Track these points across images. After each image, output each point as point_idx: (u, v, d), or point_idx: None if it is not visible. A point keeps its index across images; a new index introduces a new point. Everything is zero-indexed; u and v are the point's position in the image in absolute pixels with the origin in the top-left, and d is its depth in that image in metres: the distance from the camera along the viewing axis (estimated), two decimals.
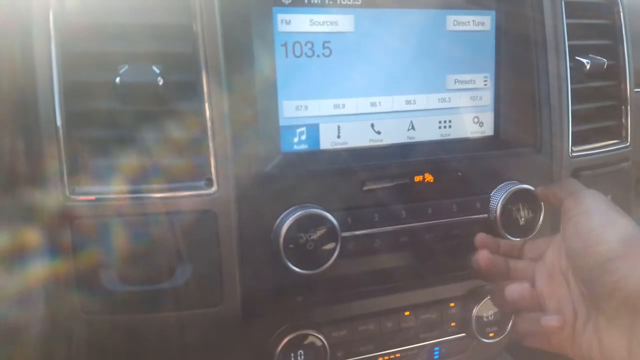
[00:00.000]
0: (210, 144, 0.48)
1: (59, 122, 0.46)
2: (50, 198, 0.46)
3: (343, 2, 0.53)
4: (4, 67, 0.47)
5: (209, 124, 0.48)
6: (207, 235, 0.48)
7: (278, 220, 0.50)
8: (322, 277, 0.51)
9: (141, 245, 0.47)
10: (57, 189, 0.46)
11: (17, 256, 0.48)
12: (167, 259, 0.48)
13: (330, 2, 0.53)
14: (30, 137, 0.46)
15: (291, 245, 0.49)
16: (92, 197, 0.47)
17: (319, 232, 0.50)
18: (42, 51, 0.46)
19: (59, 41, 0.46)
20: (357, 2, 0.54)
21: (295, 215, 0.49)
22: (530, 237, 0.59)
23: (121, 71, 0.46)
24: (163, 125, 0.48)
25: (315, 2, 0.53)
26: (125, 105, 0.47)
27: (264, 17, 0.51)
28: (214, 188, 0.48)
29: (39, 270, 0.48)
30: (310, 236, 0.50)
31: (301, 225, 0.50)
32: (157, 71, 0.47)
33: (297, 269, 0.49)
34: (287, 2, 0.52)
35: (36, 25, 0.46)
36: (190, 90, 0.48)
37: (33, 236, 0.46)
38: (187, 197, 0.48)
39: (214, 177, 0.48)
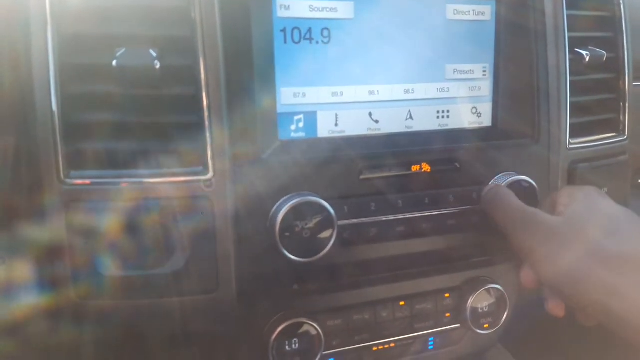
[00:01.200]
0: (207, 130, 0.48)
1: (54, 105, 0.45)
2: (46, 182, 0.46)
3: None
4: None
5: (206, 109, 0.48)
6: (203, 221, 0.48)
7: (274, 208, 0.50)
8: (318, 265, 0.51)
9: (136, 231, 0.47)
10: (52, 173, 0.46)
11: (11, 241, 0.48)
12: (163, 245, 0.47)
13: None
14: (26, 120, 0.46)
15: (287, 233, 0.49)
16: (88, 182, 0.46)
17: (315, 220, 0.50)
18: (38, 33, 0.45)
19: (56, 23, 0.45)
20: None
21: (291, 203, 0.49)
22: None
23: (118, 54, 0.46)
24: (160, 110, 0.47)
25: None
26: (121, 88, 0.47)
27: (263, 2, 0.50)
28: (210, 174, 0.48)
29: (33, 254, 0.48)
30: (306, 224, 0.50)
31: (298, 213, 0.49)
32: (154, 54, 0.46)
33: (292, 257, 0.49)
34: None
35: (33, 7, 0.45)
36: (187, 74, 0.48)
37: (28, 220, 0.46)
38: (183, 182, 0.47)
39: (210, 163, 0.48)
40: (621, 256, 0.42)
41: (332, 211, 0.50)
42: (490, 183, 0.58)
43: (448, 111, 0.60)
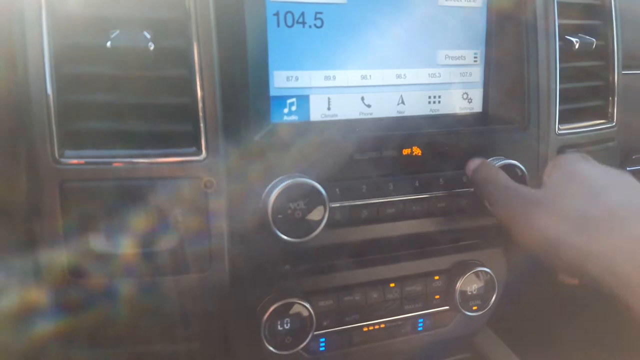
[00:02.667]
0: (200, 111, 0.48)
1: (49, 86, 0.46)
2: (41, 161, 0.46)
3: None
4: None
5: (199, 91, 0.48)
6: (195, 201, 0.49)
7: (267, 189, 0.51)
8: (310, 246, 0.52)
9: (129, 210, 0.47)
10: (47, 152, 0.46)
11: (4, 219, 0.48)
12: (156, 224, 0.48)
13: None
14: (21, 101, 0.46)
15: (279, 214, 0.50)
16: (82, 161, 0.47)
17: (307, 202, 0.51)
18: (33, 15, 0.45)
19: (50, 4, 0.45)
20: None
21: (283, 184, 0.50)
22: None
23: (112, 36, 0.46)
24: (153, 91, 0.48)
25: None
26: (115, 69, 0.47)
27: None
28: (203, 155, 0.49)
29: (28, 234, 0.48)
30: (298, 205, 0.51)
31: (290, 194, 0.50)
32: (148, 36, 0.46)
33: (285, 237, 0.50)
34: None
35: None
36: (181, 56, 0.48)
37: (21, 198, 0.47)
38: (176, 163, 0.48)
39: (203, 144, 0.49)
40: (596, 218, 0.43)
41: (323, 193, 0.51)
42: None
43: (439, 96, 0.61)
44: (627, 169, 0.89)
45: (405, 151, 0.57)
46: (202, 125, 0.48)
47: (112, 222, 0.47)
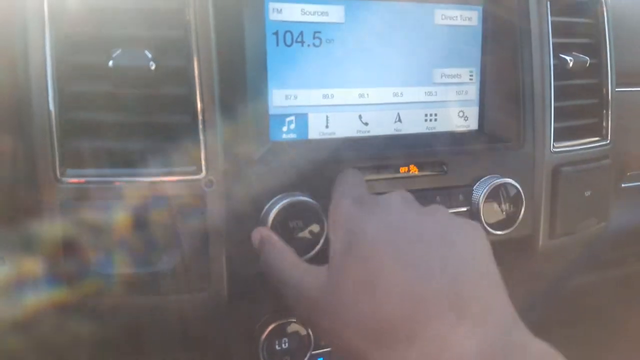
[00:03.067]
0: (200, 130, 0.49)
1: (51, 104, 0.46)
2: (43, 180, 0.46)
3: None
4: None
5: (199, 109, 0.49)
6: (195, 220, 0.49)
7: (266, 208, 0.51)
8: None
9: (129, 230, 0.47)
10: (49, 171, 0.46)
11: (10, 240, 0.48)
12: (155, 244, 0.48)
13: None
14: (23, 119, 0.46)
15: (278, 232, 0.50)
16: (83, 180, 0.47)
17: (306, 220, 0.51)
18: (36, 33, 0.46)
19: (54, 23, 0.46)
20: None
21: (282, 203, 0.50)
22: (511, 229, 0.61)
23: (114, 55, 0.46)
24: (154, 110, 0.48)
25: None
26: (117, 88, 0.47)
27: (255, 5, 0.51)
28: (203, 174, 0.49)
29: (30, 253, 0.48)
30: (297, 224, 0.51)
31: (288, 212, 0.50)
32: (150, 56, 0.47)
33: None
34: None
35: (31, 8, 0.46)
36: (181, 75, 0.49)
37: (25, 218, 0.47)
38: (175, 182, 0.48)
39: (203, 163, 0.49)
40: (377, 325, 0.34)
41: (321, 211, 0.51)
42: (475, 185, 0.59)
43: (436, 114, 0.61)
44: (623, 185, 0.89)
45: (403, 169, 0.57)
46: (202, 144, 0.49)
47: (112, 241, 0.47)
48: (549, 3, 0.63)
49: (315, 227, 0.51)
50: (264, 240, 0.47)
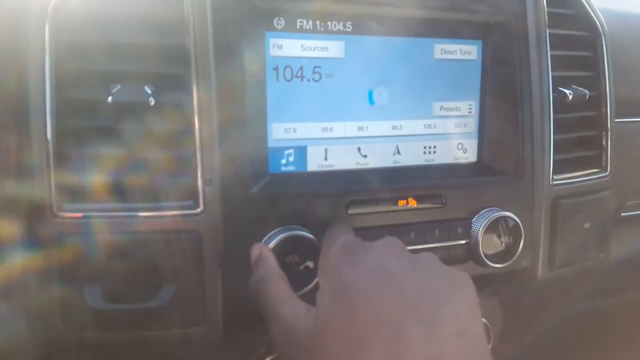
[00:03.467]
0: (199, 165, 0.49)
1: (49, 139, 0.46)
2: (39, 213, 0.46)
3: (334, 29, 0.55)
4: None
5: (198, 144, 0.49)
6: (191, 255, 0.49)
7: (263, 241, 0.51)
8: (304, 299, 0.52)
9: (126, 264, 0.47)
10: (45, 205, 0.46)
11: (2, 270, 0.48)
12: (151, 278, 0.48)
13: (322, 29, 0.54)
14: (21, 152, 0.47)
15: None
16: (80, 214, 0.47)
17: (303, 255, 0.51)
18: (37, 68, 0.46)
19: (53, 58, 0.46)
20: (347, 29, 0.55)
21: (279, 237, 0.50)
22: (510, 262, 0.61)
23: (113, 90, 0.47)
24: (153, 145, 0.48)
25: (307, 28, 0.54)
26: (116, 124, 0.48)
27: (256, 41, 0.52)
28: (200, 208, 0.49)
29: (23, 283, 0.48)
30: (293, 258, 0.51)
31: (285, 247, 0.50)
32: (149, 91, 0.47)
33: None
34: (279, 27, 0.53)
35: (32, 42, 0.46)
36: (181, 110, 0.49)
37: (20, 251, 0.47)
38: (172, 216, 0.48)
39: (200, 197, 0.49)
40: None
41: (319, 245, 0.51)
42: (474, 218, 0.59)
43: (434, 147, 0.61)
44: (623, 214, 0.89)
45: (401, 202, 0.57)
46: (199, 178, 0.49)
47: (107, 275, 0.47)
48: (548, 37, 0.63)
49: (311, 263, 0.51)
50: (259, 261, 0.47)
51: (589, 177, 0.69)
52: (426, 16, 0.57)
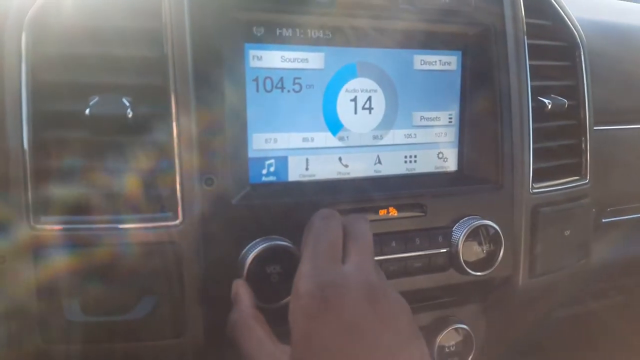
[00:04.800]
0: (178, 176, 0.49)
1: (26, 151, 0.46)
2: (16, 226, 0.46)
3: (314, 40, 0.55)
4: None
5: (176, 156, 0.49)
6: (170, 267, 0.49)
7: (243, 252, 0.51)
8: (286, 310, 0.52)
9: (104, 276, 0.47)
10: (22, 217, 0.46)
11: None
12: (130, 290, 0.48)
13: (301, 40, 0.54)
14: None
15: (255, 278, 0.50)
16: (58, 227, 0.47)
17: (283, 265, 0.51)
18: (12, 80, 0.46)
19: (30, 69, 0.46)
20: (327, 41, 0.55)
21: (259, 248, 0.50)
22: (491, 270, 0.61)
23: (91, 102, 0.47)
24: (130, 156, 0.48)
25: (287, 39, 0.54)
26: (94, 135, 0.47)
27: (235, 53, 0.52)
28: (179, 220, 0.49)
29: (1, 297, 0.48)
30: (274, 269, 0.51)
31: (266, 257, 0.50)
32: (127, 103, 0.47)
33: (260, 302, 0.50)
34: (258, 39, 0.53)
35: (7, 54, 0.46)
36: (159, 122, 0.49)
37: None
38: (151, 228, 0.48)
39: (179, 209, 0.49)
40: None
41: (300, 256, 0.51)
42: (454, 226, 0.60)
43: (415, 156, 0.62)
44: (603, 220, 0.90)
45: (382, 212, 0.57)
46: (178, 189, 0.49)
47: (85, 288, 0.47)
48: (526, 47, 0.64)
49: (293, 275, 0.51)
50: (235, 302, 0.47)
51: (568, 185, 0.70)
52: (405, 28, 0.58)
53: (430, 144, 0.62)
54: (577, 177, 0.72)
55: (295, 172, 0.57)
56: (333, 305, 0.40)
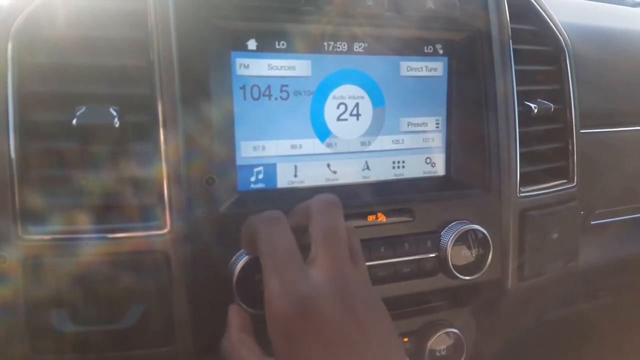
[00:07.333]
0: (165, 185, 0.49)
1: (14, 161, 0.46)
2: (4, 237, 0.46)
3: (300, 49, 0.55)
4: None
5: (164, 165, 0.49)
6: (159, 275, 0.49)
7: (232, 260, 0.51)
8: None
9: (93, 286, 0.47)
10: (10, 227, 0.46)
11: None
12: (119, 300, 0.48)
13: (287, 48, 0.55)
14: None
15: (244, 286, 0.50)
16: (46, 237, 0.47)
17: None
18: None
19: (16, 79, 0.46)
20: (314, 45, 0.56)
21: (248, 255, 0.50)
22: (480, 274, 0.62)
23: (78, 113, 0.47)
24: (118, 166, 0.48)
25: (273, 48, 0.54)
26: (81, 145, 0.47)
27: (222, 61, 0.52)
28: (167, 229, 0.49)
29: None
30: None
31: (255, 264, 0.50)
32: (114, 113, 0.47)
33: (250, 309, 0.50)
34: (245, 47, 0.53)
35: None
36: (146, 131, 0.49)
37: None
38: (140, 237, 0.48)
39: (167, 217, 0.49)
40: None
41: None
42: (443, 231, 0.60)
43: (403, 161, 0.62)
44: (592, 222, 0.91)
45: (371, 217, 0.58)
46: (166, 198, 0.49)
47: (74, 297, 0.47)
48: (512, 53, 0.65)
49: None
50: (228, 324, 0.47)
51: (556, 189, 0.71)
52: (392, 35, 0.59)
53: (417, 149, 0.63)
54: (564, 181, 0.72)
55: (284, 179, 0.57)
56: (312, 324, 0.39)
